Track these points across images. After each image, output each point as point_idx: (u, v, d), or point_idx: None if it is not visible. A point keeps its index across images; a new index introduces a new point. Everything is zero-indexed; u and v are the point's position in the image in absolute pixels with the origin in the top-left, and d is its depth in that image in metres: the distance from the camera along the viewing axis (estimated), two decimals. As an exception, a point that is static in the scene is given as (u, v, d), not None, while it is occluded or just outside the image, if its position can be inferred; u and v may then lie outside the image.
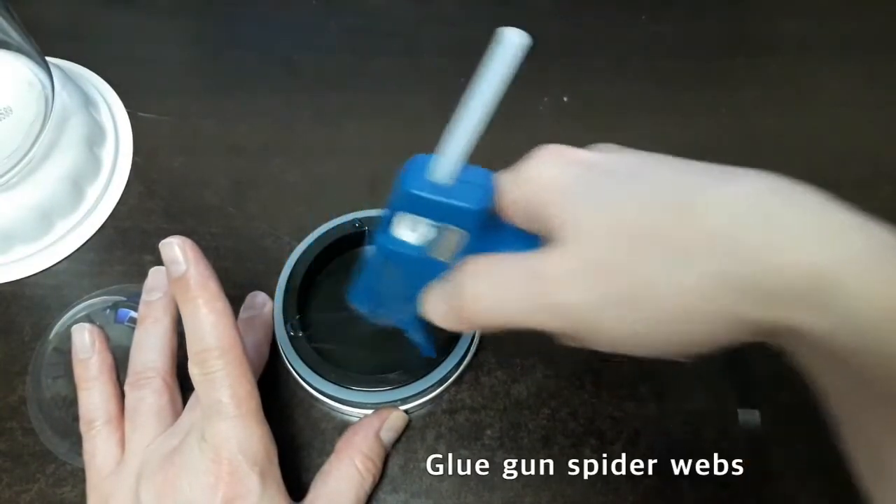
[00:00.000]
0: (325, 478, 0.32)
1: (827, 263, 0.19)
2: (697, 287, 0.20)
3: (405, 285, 0.26)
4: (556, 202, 0.23)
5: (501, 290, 0.23)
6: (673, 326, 0.21)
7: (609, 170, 0.23)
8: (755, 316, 0.20)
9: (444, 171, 0.23)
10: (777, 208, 0.20)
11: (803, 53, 0.49)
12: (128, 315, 0.36)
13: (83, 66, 0.46)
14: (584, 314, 0.22)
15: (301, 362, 0.35)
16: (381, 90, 0.47)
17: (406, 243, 0.25)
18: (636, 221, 0.21)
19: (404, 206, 0.24)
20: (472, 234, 0.24)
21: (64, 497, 0.35)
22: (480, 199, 0.23)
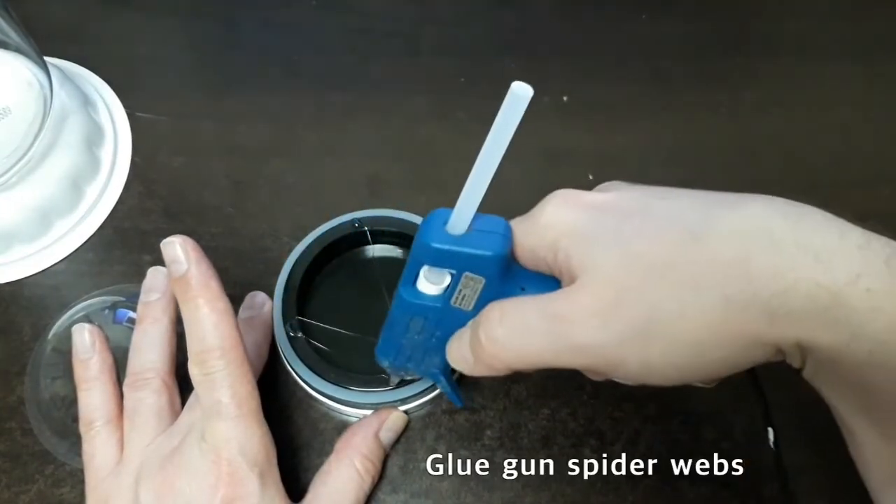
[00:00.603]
0: (325, 478, 0.32)
1: (835, 282, 0.20)
2: (710, 313, 0.21)
3: (431, 337, 0.28)
4: (571, 246, 0.24)
5: (523, 334, 0.24)
6: (689, 355, 0.22)
7: (618, 208, 0.24)
8: (768, 336, 0.21)
9: (460, 223, 0.24)
10: (784, 230, 0.21)
11: (803, 53, 0.49)
12: (126, 315, 0.36)
13: (82, 66, 0.46)
14: (604, 351, 0.23)
15: (300, 362, 0.35)
16: (381, 90, 0.47)
17: (429, 295, 0.26)
18: (647, 256, 0.22)
19: (425, 258, 0.25)
20: (491, 281, 0.25)
21: (63, 497, 0.34)
22: (497, 246, 0.24)
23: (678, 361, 0.22)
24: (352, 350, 0.36)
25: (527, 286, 0.25)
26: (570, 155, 0.44)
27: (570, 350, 0.23)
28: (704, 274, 0.21)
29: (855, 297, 0.20)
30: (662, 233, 0.22)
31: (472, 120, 0.45)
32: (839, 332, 0.20)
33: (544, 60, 0.48)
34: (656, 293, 0.22)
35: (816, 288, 0.20)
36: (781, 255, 0.20)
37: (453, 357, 0.27)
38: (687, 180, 0.25)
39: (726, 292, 0.21)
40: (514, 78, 0.22)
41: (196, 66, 0.48)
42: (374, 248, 0.39)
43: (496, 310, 0.25)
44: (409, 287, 0.26)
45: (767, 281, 0.20)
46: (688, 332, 0.21)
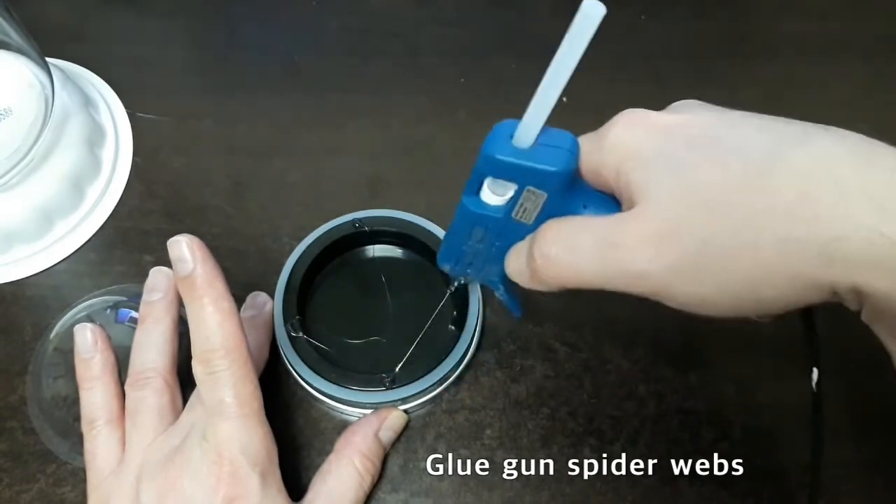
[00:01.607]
0: (325, 477, 0.32)
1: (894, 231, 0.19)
2: (765, 252, 0.21)
3: (490, 246, 0.28)
4: (634, 169, 0.23)
5: (576, 255, 0.24)
6: (742, 291, 0.22)
7: (687, 134, 0.23)
8: (824, 279, 0.20)
9: (527, 136, 0.23)
10: (849, 172, 0.20)
11: (803, 53, 0.49)
12: (128, 315, 0.36)
13: (83, 67, 0.46)
14: (657, 280, 0.22)
15: (301, 362, 0.35)
16: (381, 90, 0.47)
17: (490, 205, 0.26)
18: (708, 188, 0.22)
19: (488, 169, 0.24)
20: (553, 197, 0.25)
21: (64, 497, 0.35)
22: (562, 162, 0.24)
23: (731, 296, 0.22)
24: (352, 350, 0.36)
25: (588, 205, 0.25)
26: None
27: (621, 276, 0.23)
28: (763, 212, 0.21)
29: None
30: (726, 165, 0.22)
31: (472, 120, 0.45)
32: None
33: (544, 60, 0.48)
34: (713, 227, 0.21)
35: (878, 236, 0.19)
36: (844, 198, 0.20)
37: (511, 269, 0.27)
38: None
39: (784, 233, 0.20)
40: (513, 78, 0.22)
41: (197, 66, 0.49)
42: (374, 248, 0.39)
43: (552, 228, 0.25)
44: (472, 196, 0.26)
45: (826, 224, 0.20)
46: (742, 268, 0.21)
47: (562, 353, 0.38)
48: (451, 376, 0.36)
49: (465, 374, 0.37)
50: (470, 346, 0.36)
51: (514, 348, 0.38)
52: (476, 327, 0.36)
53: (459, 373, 0.36)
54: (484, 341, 0.38)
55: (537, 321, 0.38)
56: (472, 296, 0.36)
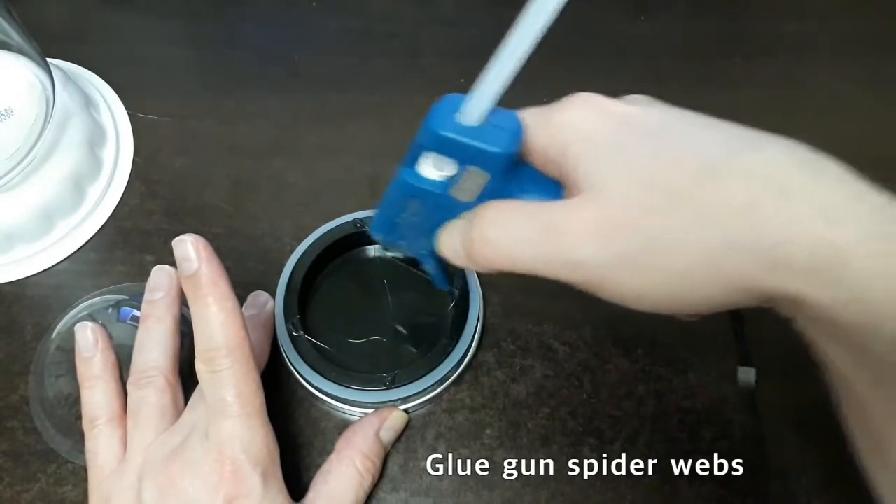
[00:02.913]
0: (325, 477, 0.32)
1: (841, 240, 0.19)
2: (711, 252, 0.21)
3: (424, 220, 0.27)
4: (584, 152, 0.23)
5: (516, 239, 0.23)
6: (682, 288, 0.21)
7: (641, 124, 0.23)
8: (764, 283, 0.20)
9: (474, 114, 0.23)
10: (795, 180, 0.20)
11: (803, 53, 0.49)
12: (130, 314, 0.36)
13: (84, 67, 0.47)
14: (594, 270, 0.22)
15: (302, 361, 0.35)
16: (381, 90, 0.47)
17: (429, 180, 0.25)
18: (660, 182, 0.21)
19: (430, 144, 0.24)
20: (494, 177, 0.24)
21: (65, 496, 0.35)
22: (507, 144, 0.23)
23: (670, 292, 0.22)
24: (353, 349, 0.36)
25: (530, 188, 0.24)
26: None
27: (562, 264, 0.23)
28: (713, 212, 0.21)
29: (859, 258, 0.19)
30: (680, 161, 0.21)
31: (472, 120, 0.45)
32: (838, 290, 0.19)
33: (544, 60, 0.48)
34: (662, 221, 0.21)
35: (822, 245, 0.19)
36: (791, 205, 0.20)
37: (444, 245, 0.26)
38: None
39: (731, 234, 0.20)
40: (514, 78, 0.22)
41: (197, 66, 0.49)
42: (374, 248, 0.39)
43: (492, 209, 0.24)
44: (410, 169, 0.25)
45: (773, 229, 0.20)
46: (684, 266, 0.21)
47: (562, 353, 0.38)
48: (452, 376, 0.36)
49: (465, 374, 0.37)
50: (470, 346, 0.36)
51: (514, 348, 0.38)
52: (476, 327, 0.36)
53: (460, 373, 0.36)
54: (484, 341, 0.38)
55: (537, 321, 0.39)
56: (472, 296, 0.36)
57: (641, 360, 0.38)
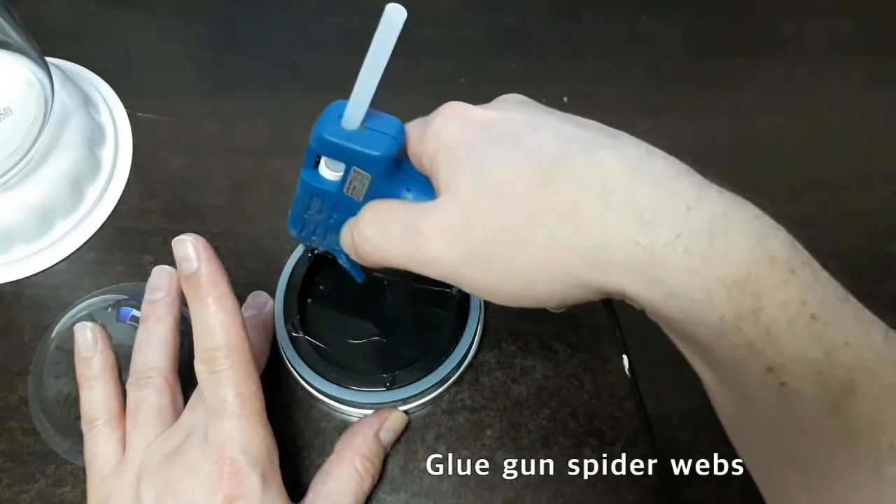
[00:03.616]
0: (325, 478, 0.32)
1: (653, 242, 0.21)
2: (539, 251, 0.23)
3: (328, 217, 0.29)
4: (444, 160, 0.25)
5: (385, 237, 0.26)
6: (522, 284, 0.24)
7: (498, 132, 0.25)
8: (592, 281, 0.22)
9: (352, 120, 0.25)
10: (618, 183, 0.22)
11: (803, 53, 0.49)
12: (129, 314, 0.36)
13: (83, 67, 0.46)
14: (447, 266, 0.24)
15: (301, 362, 0.35)
16: (380, 90, 0.47)
17: (325, 179, 0.28)
18: (500, 186, 0.23)
19: (318, 147, 0.26)
20: (378, 178, 0.26)
21: (64, 497, 0.35)
22: (383, 147, 0.25)
23: (512, 287, 0.24)
24: (353, 350, 0.36)
25: (412, 188, 0.27)
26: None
27: (419, 261, 0.25)
28: (541, 214, 0.22)
29: (672, 257, 0.21)
30: (518, 167, 0.23)
31: (472, 120, 0.45)
32: (655, 289, 0.21)
33: (544, 60, 0.48)
34: (499, 223, 0.23)
35: (635, 246, 0.21)
36: (609, 209, 0.22)
37: (342, 241, 0.29)
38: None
39: (555, 235, 0.22)
40: (513, 78, 0.22)
41: (196, 66, 0.49)
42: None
43: (371, 210, 0.27)
44: (309, 169, 0.28)
45: (591, 232, 0.22)
46: (520, 264, 0.23)
47: (562, 353, 0.38)
48: (452, 377, 0.36)
49: (465, 375, 0.37)
50: (470, 346, 0.36)
51: (514, 348, 0.38)
52: (476, 327, 0.36)
53: (460, 373, 0.36)
54: (484, 341, 0.38)
55: (537, 321, 0.38)
56: (472, 296, 0.36)
57: (642, 361, 0.38)
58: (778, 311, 0.20)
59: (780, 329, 0.20)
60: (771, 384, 0.21)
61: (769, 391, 0.21)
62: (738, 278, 0.20)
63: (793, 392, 0.21)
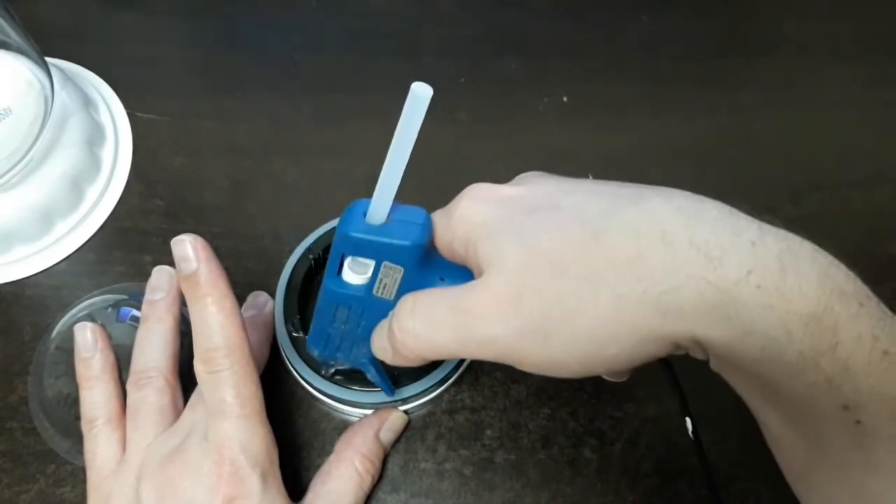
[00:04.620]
0: (325, 478, 0.32)
1: (725, 279, 0.20)
2: (604, 310, 0.21)
3: (357, 326, 0.28)
4: (480, 238, 0.24)
5: (432, 326, 0.24)
6: (587, 349, 0.22)
7: (529, 204, 0.24)
8: (661, 332, 0.21)
9: (378, 213, 0.25)
10: (678, 227, 0.21)
11: (803, 53, 0.49)
12: (129, 314, 0.36)
13: (83, 67, 0.46)
14: (505, 344, 0.23)
15: (302, 362, 0.35)
16: (381, 90, 0.47)
17: (353, 285, 0.27)
18: (547, 253, 0.22)
19: (345, 248, 0.25)
20: (409, 271, 0.25)
21: (64, 497, 0.35)
22: (413, 236, 0.25)
23: (577, 355, 0.23)
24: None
25: (446, 276, 0.26)
26: (569, 155, 0.44)
27: (474, 343, 0.24)
28: (599, 271, 0.22)
29: (745, 293, 0.20)
30: (563, 229, 0.23)
31: (472, 120, 0.45)
32: (731, 328, 0.20)
33: (544, 60, 0.48)
34: (554, 289, 0.22)
35: (706, 285, 0.20)
36: (673, 252, 0.21)
37: (375, 347, 0.27)
38: (687, 180, 0.25)
39: (619, 289, 0.21)
40: (513, 78, 0.22)
41: (196, 66, 0.49)
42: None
43: (409, 301, 0.25)
44: (333, 277, 0.27)
45: (658, 278, 0.21)
46: (584, 327, 0.22)
47: (562, 353, 0.38)
48: (452, 377, 0.36)
49: (465, 375, 0.37)
50: (470, 346, 0.36)
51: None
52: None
53: (460, 373, 0.36)
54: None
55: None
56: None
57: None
58: (854, 346, 0.20)
59: (857, 364, 0.20)
60: (847, 422, 0.20)
61: (844, 430, 0.20)
62: (814, 312, 0.20)
63: (868, 430, 0.20)
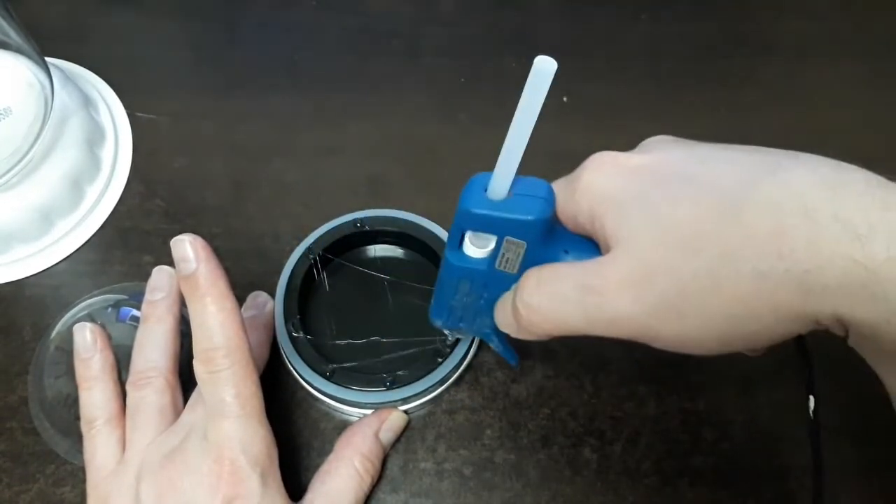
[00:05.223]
0: (324, 478, 0.32)
1: (873, 258, 0.19)
2: (743, 288, 0.21)
3: (478, 298, 0.28)
4: (607, 212, 0.23)
5: (557, 303, 0.24)
6: (725, 327, 0.22)
7: (657, 174, 0.23)
8: (805, 310, 0.20)
9: (499, 189, 0.24)
10: (822, 201, 0.20)
11: (803, 53, 0.49)
12: (129, 313, 0.36)
13: (83, 67, 0.46)
14: (639, 322, 0.22)
15: (302, 362, 0.35)
16: (381, 90, 0.47)
17: (474, 258, 0.26)
18: (680, 228, 0.22)
19: (467, 224, 0.25)
20: (533, 245, 0.25)
21: (64, 497, 0.35)
22: (537, 211, 0.24)
23: (716, 333, 0.22)
24: (353, 350, 0.36)
25: (570, 250, 0.25)
26: (570, 155, 0.43)
27: (603, 322, 0.23)
28: (737, 247, 0.21)
29: (894, 272, 0.19)
30: (697, 203, 0.22)
31: (472, 120, 0.45)
32: (878, 308, 0.19)
33: (544, 60, 0.48)
34: (689, 266, 0.21)
35: (853, 264, 0.19)
36: (817, 228, 0.20)
37: (500, 320, 0.27)
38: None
39: (759, 267, 0.20)
40: (514, 78, 0.22)
41: (196, 66, 0.49)
42: (375, 248, 0.39)
43: (533, 277, 0.25)
44: (455, 251, 0.26)
45: (801, 256, 0.20)
46: (721, 305, 0.21)
47: (562, 353, 0.38)
48: (452, 377, 0.36)
49: (465, 375, 0.37)
50: (470, 346, 0.36)
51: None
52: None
53: (460, 373, 0.36)
54: (484, 342, 0.38)
55: (537, 321, 0.38)
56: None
57: (642, 361, 0.38)
58: None
59: None
60: None
61: None
62: None
63: None
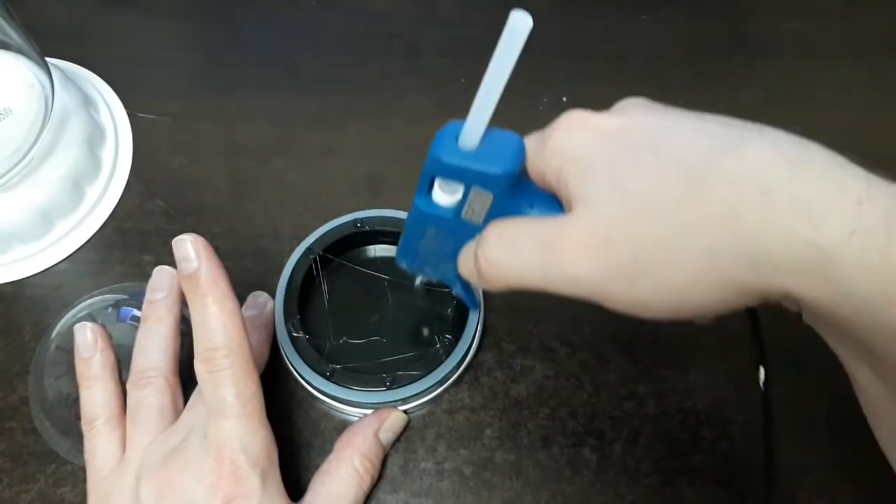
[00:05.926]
0: (324, 478, 0.32)
1: (826, 239, 0.19)
2: (696, 261, 0.21)
3: (444, 244, 0.28)
4: (573, 173, 0.23)
5: (517, 257, 0.24)
6: (677, 295, 0.22)
7: (626, 140, 0.23)
8: (755, 286, 0.20)
9: (470, 138, 0.24)
10: (780, 180, 0.20)
11: (803, 53, 0.49)
12: (130, 313, 0.36)
13: (83, 67, 0.46)
14: (591, 283, 0.23)
15: (302, 362, 0.35)
16: (381, 90, 0.47)
17: (440, 206, 0.26)
18: (642, 197, 0.22)
19: (436, 171, 0.25)
20: (499, 197, 0.25)
21: (64, 497, 0.35)
22: (505, 164, 0.24)
23: (665, 300, 0.22)
24: (353, 350, 0.36)
25: (535, 204, 0.25)
26: (570, 155, 0.44)
27: (559, 280, 0.23)
28: (694, 221, 0.21)
29: (847, 255, 0.19)
30: (661, 173, 0.22)
31: (472, 120, 0.45)
32: (828, 289, 0.19)
33: (544, 60, 0.48)
34: (646, 235, 0.22)
35: (806, 245, 0.19)
36: (773, 207, 0.20)
37: (462, 269, 0.27)
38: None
39: (713, 242, 0.20)
40: (514, 77, 0.22)
41: (196, 66, 0.49)
42: (375, 248, 0.39)
43: (495, 229, 0.25)
44: (423, 196, 0.26)
45: (755, 233, 0.20)
46: (675, 275, 0.21)
47: (562, 353, 0.38)
48: (452, 377, 0.36)
49: (465, 375, 0.37)
50: (470, 346, 0.36)
51: (514, 348, 0.38)
52: (476, 327, 0.36)
53: (460, 373, 0.36)
54: (484, 341, 0.38)
55: (537, 321, 0.38)
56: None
57: (642, 361, 0.38)
58: None
59: None
60: None
61: None
62: None
63: None
